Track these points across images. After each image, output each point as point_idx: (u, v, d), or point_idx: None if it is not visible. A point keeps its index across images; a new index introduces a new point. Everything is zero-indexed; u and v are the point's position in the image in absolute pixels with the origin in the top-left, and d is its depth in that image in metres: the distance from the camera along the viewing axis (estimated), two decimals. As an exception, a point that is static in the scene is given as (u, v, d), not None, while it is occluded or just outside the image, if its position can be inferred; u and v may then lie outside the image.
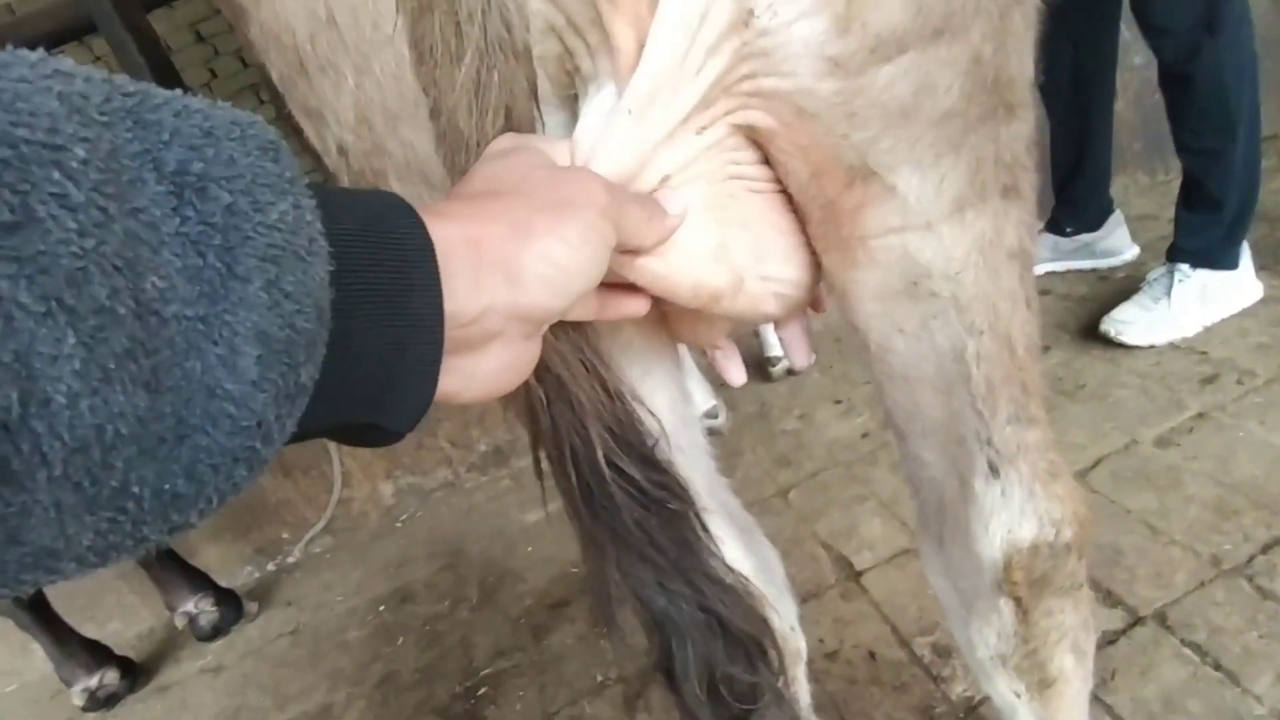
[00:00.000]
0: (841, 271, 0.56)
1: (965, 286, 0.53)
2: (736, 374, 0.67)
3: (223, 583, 2.12)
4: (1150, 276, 1.80)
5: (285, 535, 2.27)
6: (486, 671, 1.57)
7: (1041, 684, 0.58)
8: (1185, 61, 1.57)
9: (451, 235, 0.33)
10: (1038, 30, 0.52)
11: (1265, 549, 1.20)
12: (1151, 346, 1.73)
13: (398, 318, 0.31)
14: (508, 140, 0.42)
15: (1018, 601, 0.55)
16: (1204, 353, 1.66)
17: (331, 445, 2.18)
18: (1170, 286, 1.72)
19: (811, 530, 1.59)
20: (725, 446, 2.01)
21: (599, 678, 1.44)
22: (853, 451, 1.77)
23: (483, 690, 1.53)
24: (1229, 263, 1.71)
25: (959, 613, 0.62)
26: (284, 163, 0.27)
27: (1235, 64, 1.54)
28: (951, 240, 0.52)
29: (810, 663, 1.33)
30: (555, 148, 0.43)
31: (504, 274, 0.35)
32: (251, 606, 2.07)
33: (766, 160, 0.51)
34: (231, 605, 2.02)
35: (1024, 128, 0.51)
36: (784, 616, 0.73)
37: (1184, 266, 1.71)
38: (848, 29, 0.43)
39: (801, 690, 0.79)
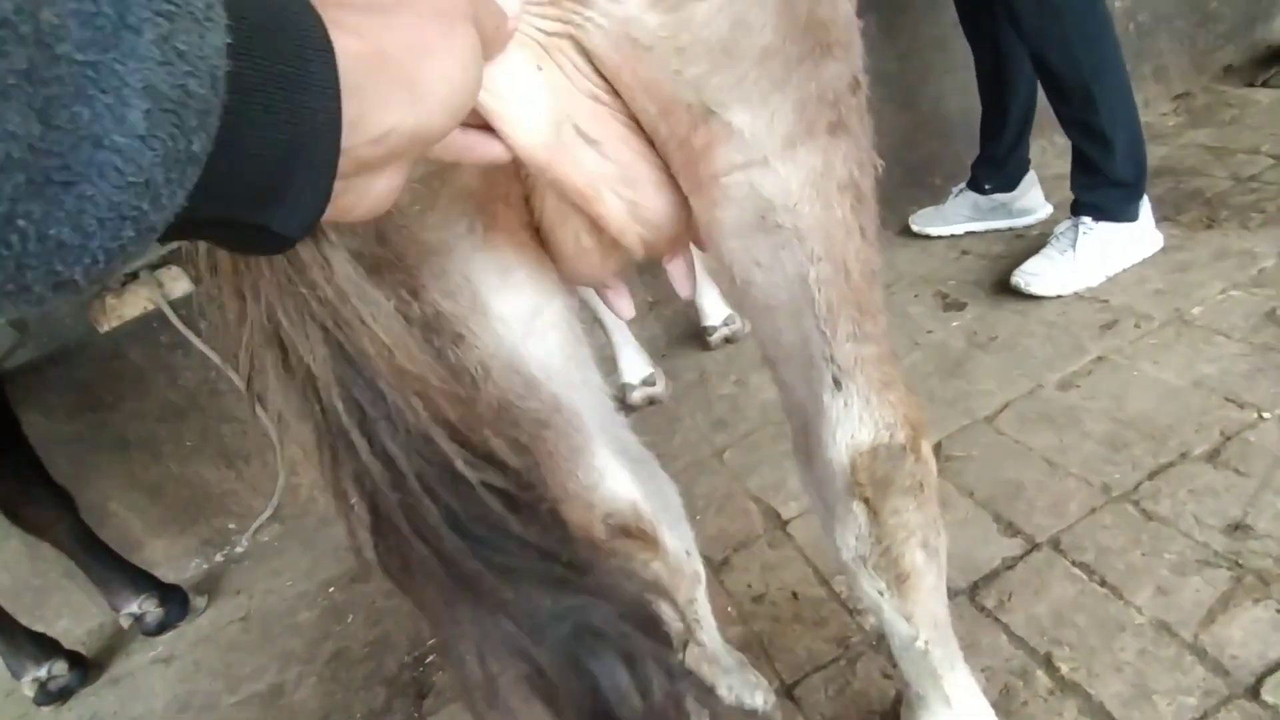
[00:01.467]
0: (705, 212, 0.61)
1: (803, 217, 0.58)
2: (626, 308, 0.72)
3: (170, 577, 2.11)
4: (1057, 230, 1.89)
5: (232, 525, 2.27)
6: (433, 641, 1.61)
7: (898, 579, 0.64)
8: (1038, 43, 1.67)
9: (352, 48, 0.32)
10: (856, -22, 0.57)
11: (1151, 475, 1.29)
12: (1059, 297, 1.82)
13: (294, 114, 0.30)
14: None
15: (866, 503, 0.60)
16: (1105, 300, 1.76)
17: (270, 428, 2.18)
18: (1075, 239, 1.82)
19: (744, 486, 1.66)
20: (665, 413, 2.06)
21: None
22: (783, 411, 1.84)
23: (430, 658, 1.57)
24: (1128, 216, 1.81)
25: (827, 521, 0.68)
26: None
27: (1084, 40, 1.63)
28: (787, 174, 0.56)
29: (739, 605, 1.40)
30: None
31: (408, 93, 0.34)
32: (199, 601, 2.07)
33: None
34: (178, 601, 2.02)
35: (843, 67, 0.56)
36: (681, 540, 0.78)
37: (1087, 220, 1.81)
38: None
39: (703, 611, 0.84)
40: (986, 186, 2.18)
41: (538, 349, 0.69)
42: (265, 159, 0.30)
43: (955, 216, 2.26)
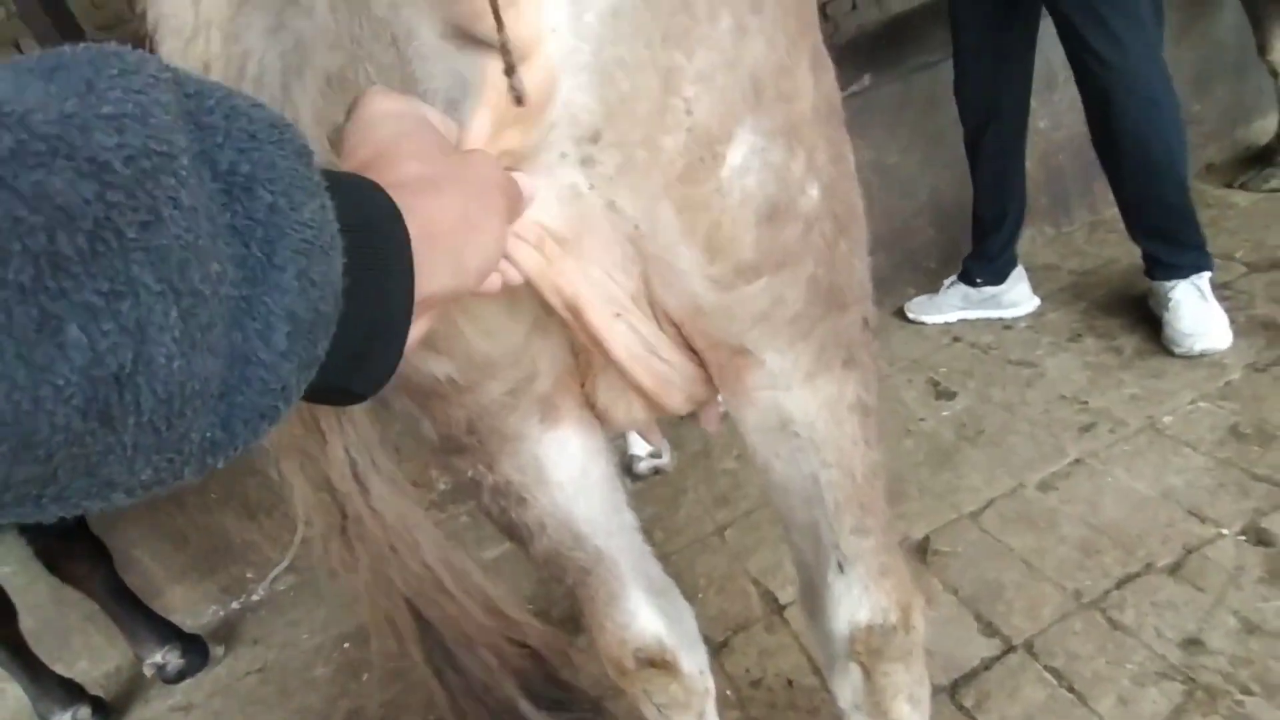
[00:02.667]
0: (735, 406, 0.73)
1: (818, 431, 0.70)
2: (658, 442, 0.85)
3: (188, 623, 2.20)
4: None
5: (249, 574, 2.36)
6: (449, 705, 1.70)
7: (887, 726, 0.76)
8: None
9: (414, 231, 0.37)
10: (866, 245, 0.70)
11: (1119, 584, 1.41)
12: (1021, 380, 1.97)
13: (380, 299, 0.35)
14: (391, 102, 0.44)
15: (862, 665, 0.72)
16: (1085, 402, 1.89)
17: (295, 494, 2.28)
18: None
19: (744, 567, 1.77)
20: (670, 485, 2.17)
21: (551, 709, 1.59)
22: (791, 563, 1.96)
23: (444, 722, 1.66)
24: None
25: (828, 668, 0.80)
26: (314, 165, 0.31)
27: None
28: (806, 399, 0.69)
29: (737, 690, 1.50)
30: (445, 125, 0.46)
31: (451, 266, 0.40)
32: (217, 650, 2.16)
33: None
34: (198, 651, 2.10)
35: (856, 315, 0.69)
36: (696, 662, 0.89)
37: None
38: (714, 259, 0.60)
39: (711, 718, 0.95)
40: (978, 280, 2.33)
41: (585, 506, 0.82)
42: (356, 337, 0.34)
43: (948, 306, 2.41)
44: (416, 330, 0.40)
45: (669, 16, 0.50)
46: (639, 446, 2.19)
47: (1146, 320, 2.07)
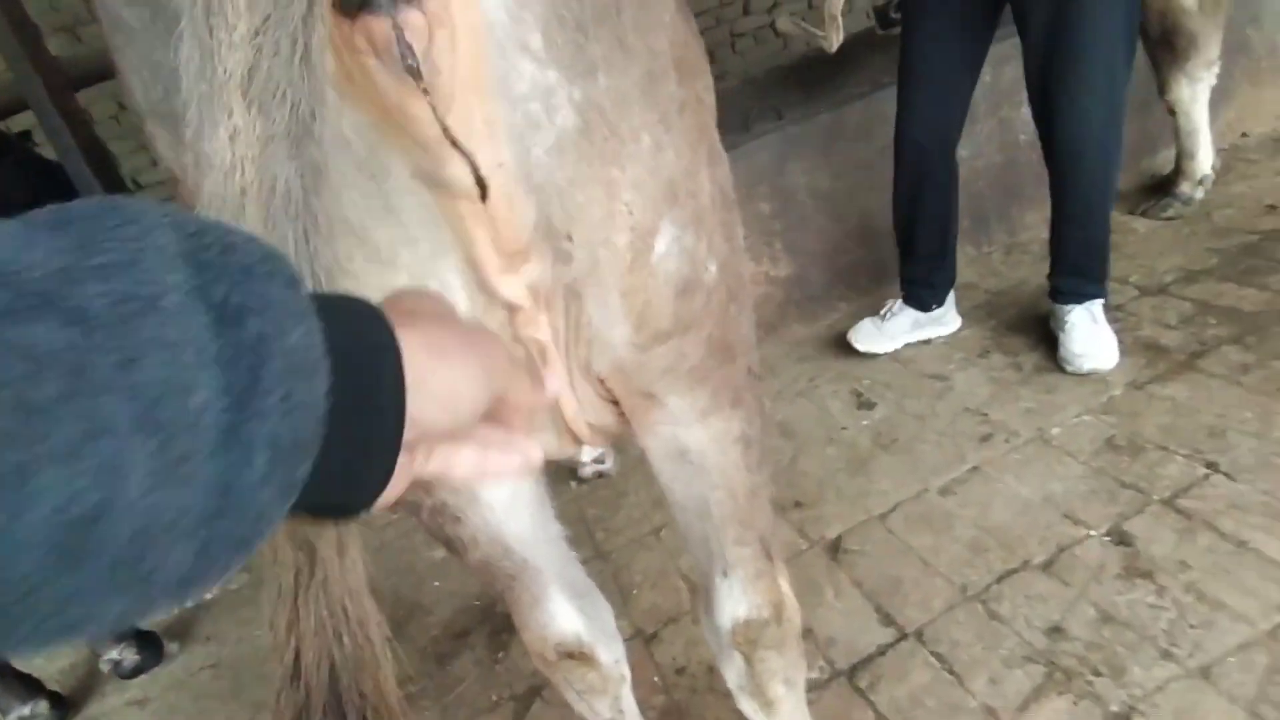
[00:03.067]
0: (644, 437, 0.87)
1: (709, 459, 0.85)
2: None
3: (144, 624, 2.26)
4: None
5: (204, 572, 2.43)
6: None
7: (766, 704, 0.91)
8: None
9: (409, 354, 0.37)
10: (752, 304, 0.85)
11: (1000, 579, 1.60)
12: (949, 404, 2.15)
13: (367, 418, 0.35)
14: (429, 301, 0.47)
15: (743, 653, 0.87)
16: (986, 415, 2.09)
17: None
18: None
19: (676, 564, 1.92)
20: (612, 488, 2.32)
21: (494, 697, 1.72)
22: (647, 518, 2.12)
23: None
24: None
25: (717, 656, 0.95)
26: (302, 291, 0.32)
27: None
28: (700, 434, 0.83)
29: (663, 677, 1.65)
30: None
31: (444, 407, 0.41)
32: (172, 647, 2.23)
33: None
34: (153, 648, 2.18)
35: (744, 362, 0.83)
36: (611, 654, 1.03)
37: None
38: (639, 330, 0.74)
39: (628, 703, 1.09)
40: (933, 305, 2.44)
41: (514, 524, 0.95)
42: (342, 457, 0.34)
43: (898, 333, 2.48)
44: (407, 456, 0.40)
45: (602, 142, 0.64)
46: (585, 452, 2.33)
47: (1048, 339, 2.28)
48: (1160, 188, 2.92)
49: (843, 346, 2.62)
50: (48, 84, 1.91)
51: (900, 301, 2.49)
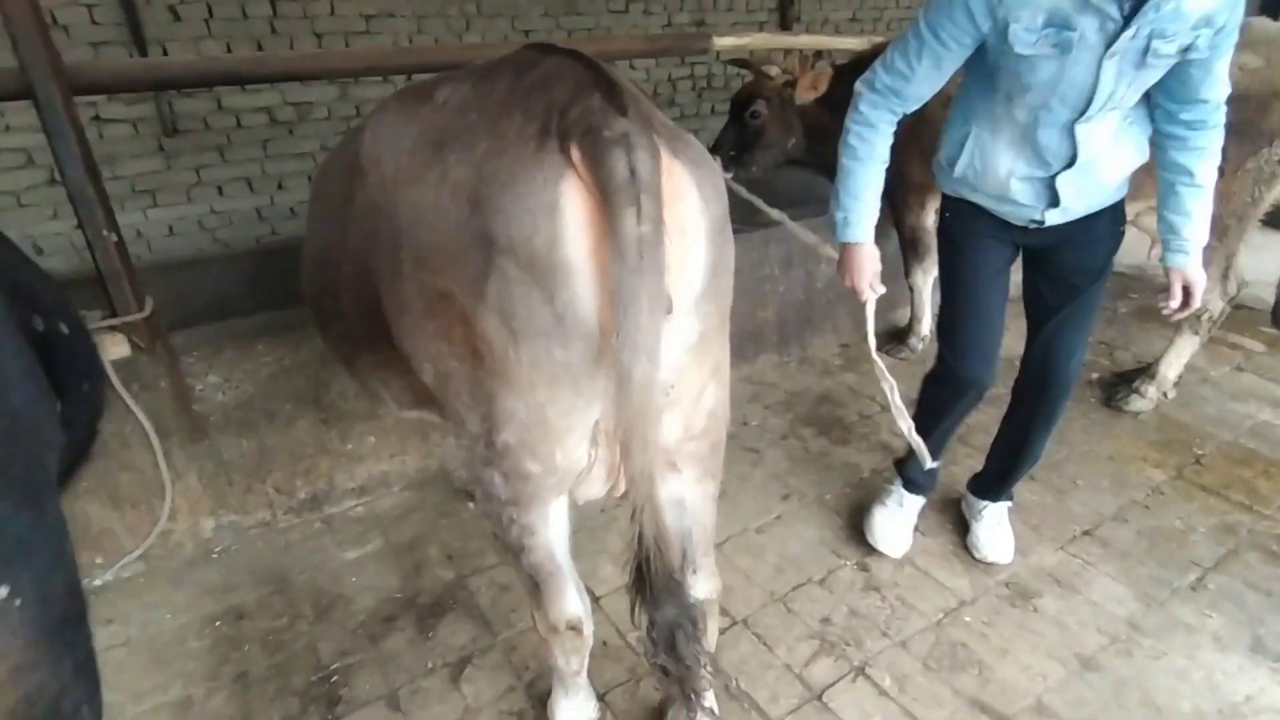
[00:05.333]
0: (658, 490, 1.54)
1: (694, 506, 1.53)
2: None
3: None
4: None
5: (98, 560, 2.52)
6: (335, 665, 2.18)
7: (704, 633, 1.59)
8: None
9: None
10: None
11: (794, 589, 2.41)
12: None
13: None
14: None
15: (702, 610, 1.55)
16: (788, 480, 2.97)
17: (168, 480, 2.54)
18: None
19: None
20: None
21: (429, 664, 2.17)
22: (595, 520, 2.75)
23: (335, 678, 2.14)
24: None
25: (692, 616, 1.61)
26: None
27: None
28: (694, 491, 1.53)
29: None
30: None
31: None
32: (75, 622, 2.32)
33: None
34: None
35: (721, 454, 1.53)
36: (589, 627, 1.64)
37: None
38: (685, 432, 1.42)
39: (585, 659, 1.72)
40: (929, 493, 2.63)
41: (559, 537, 1.54)
42: None
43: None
44: None
45: (716, 279, 1.31)
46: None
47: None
48: (900, 335, 4.16)
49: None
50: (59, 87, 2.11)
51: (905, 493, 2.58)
